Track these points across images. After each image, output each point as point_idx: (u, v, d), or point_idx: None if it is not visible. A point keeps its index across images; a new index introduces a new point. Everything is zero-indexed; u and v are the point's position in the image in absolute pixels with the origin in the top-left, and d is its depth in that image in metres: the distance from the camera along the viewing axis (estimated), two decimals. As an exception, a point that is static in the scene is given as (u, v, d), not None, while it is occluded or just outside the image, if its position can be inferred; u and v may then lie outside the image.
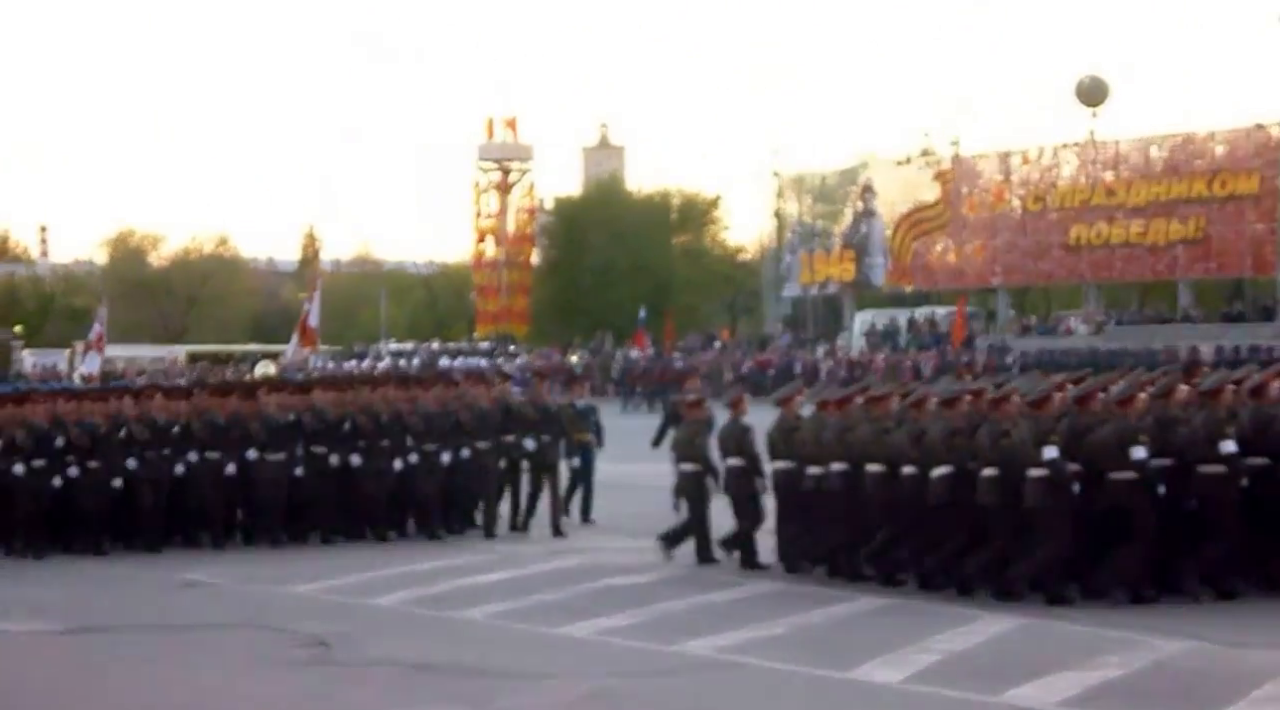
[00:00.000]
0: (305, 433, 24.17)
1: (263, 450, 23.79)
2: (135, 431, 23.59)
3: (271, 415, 24.23)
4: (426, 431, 24.35)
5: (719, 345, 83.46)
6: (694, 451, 21.32)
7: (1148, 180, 71.90)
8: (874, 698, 13.51)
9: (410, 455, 24.25)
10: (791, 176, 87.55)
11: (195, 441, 23.80)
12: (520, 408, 25.38)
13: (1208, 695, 13.17)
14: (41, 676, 15.23)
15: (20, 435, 23.34)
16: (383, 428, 24.32)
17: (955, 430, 18.21)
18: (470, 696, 13.74)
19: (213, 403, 24.59)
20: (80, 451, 23.32)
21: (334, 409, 24.54)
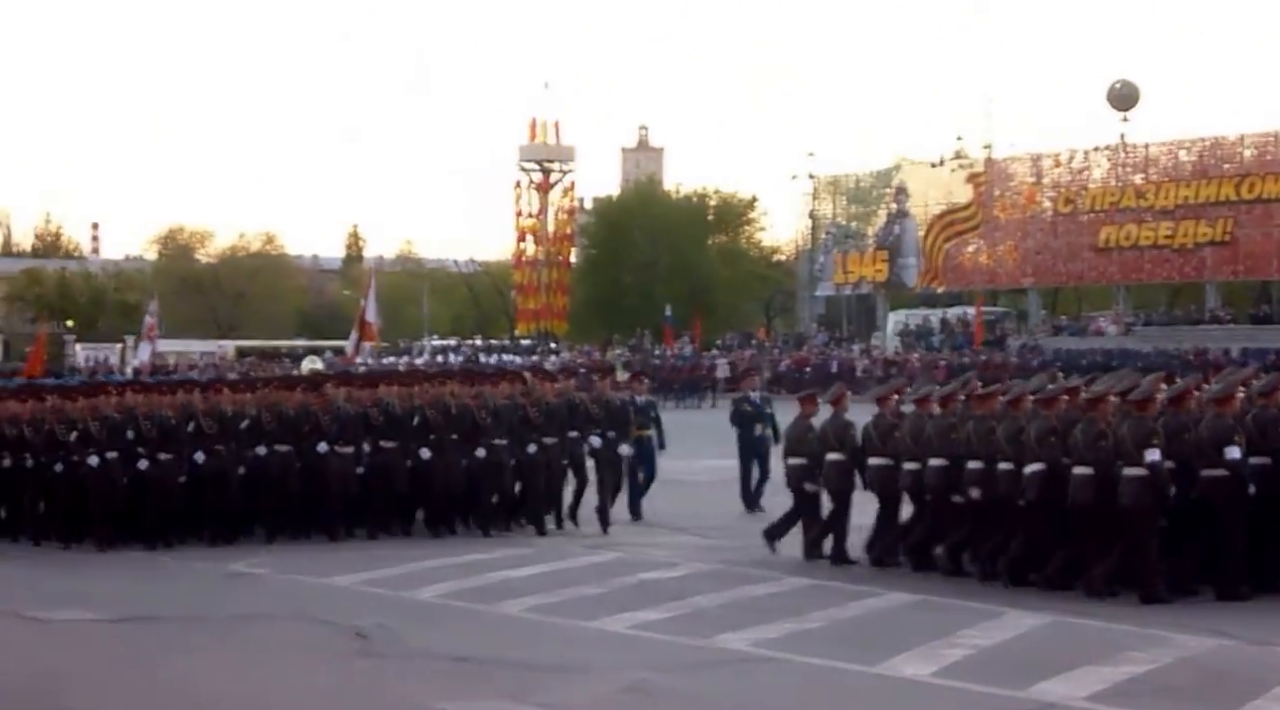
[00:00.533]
0: (374, 426, 23.85)
1: (332, 443, 23.49)
2: (204, 424, 23.37)
3: (341, 408, 23.91)
4: (494, 426, 23.98)
5: (755, 344, 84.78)
6: (805, 447, 21.38)
7: (1177, 183, 72.75)
8: (904, 692, 13.49)
9: (478, 450, 23.92)
10: (826, 178, 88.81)
11: (264, 434, 23.59)
12: (584, 404, 24.90)
13: (1232, 691, 13.19)
14: (91, 666, 15.30)
15: (94, 427, 23.26)
16: (451, 422, 23.97)
17: (1051, 428, 18.21)
18: (508, 689, 13.71)
19: (281, 396, 24.28)
20: (151, 444, 23.14)
21: (402, 403, 24.23)
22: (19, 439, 24.18)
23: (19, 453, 24.12)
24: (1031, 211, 78.04)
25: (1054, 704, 12.82)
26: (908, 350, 74.97)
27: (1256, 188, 70.24)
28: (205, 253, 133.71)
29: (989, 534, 18.79)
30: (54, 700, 13.69)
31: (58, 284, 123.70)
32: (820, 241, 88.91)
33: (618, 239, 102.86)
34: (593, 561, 21.14)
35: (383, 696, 13.64)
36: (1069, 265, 77.05)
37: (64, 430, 23.58)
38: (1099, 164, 76.05)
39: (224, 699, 13.71)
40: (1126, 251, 74.62)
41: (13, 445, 24.23)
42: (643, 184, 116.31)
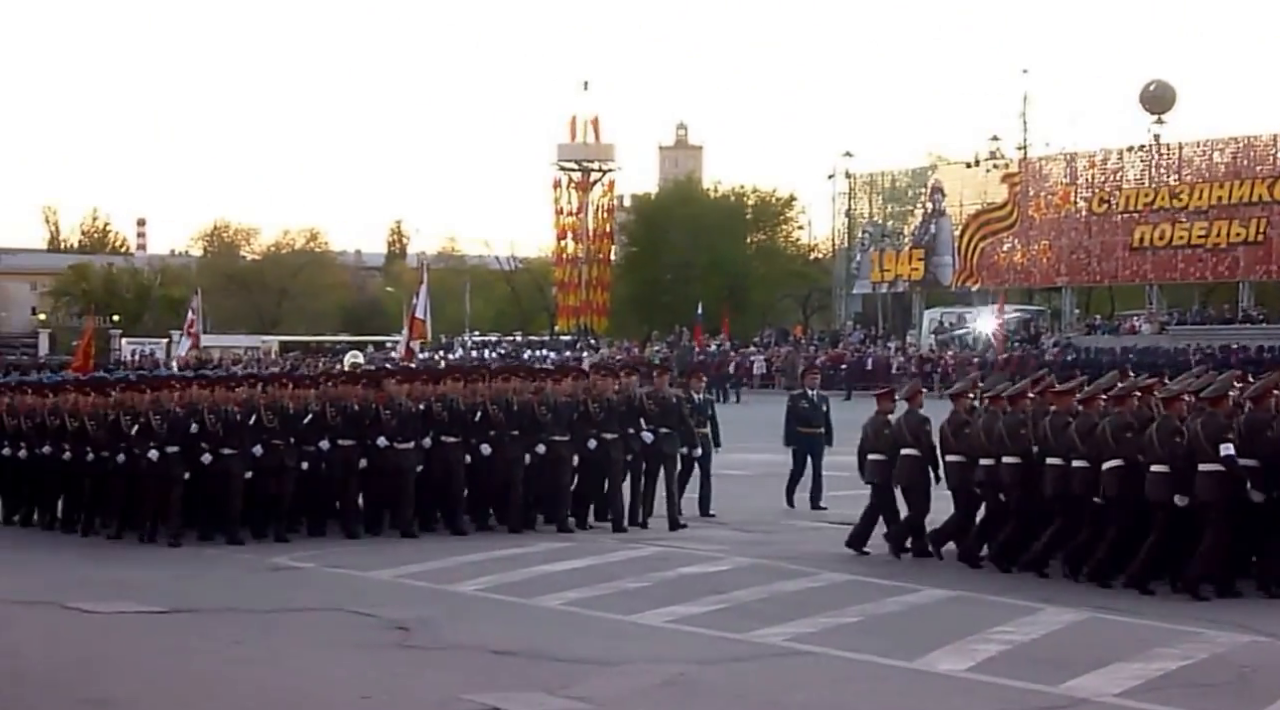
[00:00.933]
0: (436, 422, 23.72)
1: (393, 439, 23.33)
2: (265, 418, 23.20)
3: (403, 403, 23.69)
4: (554, 422, 23.86)
5: (792, 341, 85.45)
6: (883, 442, 21.73)
7: (1210, 183, 72.79)
8: (938, 686, 13.62)
9: (539, 447, 23.84)
10: (863, 177, 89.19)
11: (327, 429, 23.44)
12: (642, 400, 24.72)
13: (1263, 687, 13.36)
14: (133, 656, 15.40)
15: (155, 421, 23.11)
16: (513, 418, 23.86)
17: (1126, 425, 18.46)
18: (548, 681, 13.78)
19: (343, 391, 24.14)
20: (214, 438, 23.01)
21: (464, 398, 24.09)
22: (80, 431, 24.34)
23: (80, 445, 24.28)
24: (1066, 211, 78.25)
25: (1086, 700, 12.97)
26: (942, 348, 75.43)
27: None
28: (250, 249, 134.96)
29: (1072, 533, 19.02)
30: (84, 690, 13.80)
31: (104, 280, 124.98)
32: (857, 240, 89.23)
33: (656, 237, 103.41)
34: (632, 556, 21.31)
35: (422, 688, 13.69)
36: (1103, 264, 77.29)
37: (127, 423, 23.50)
38: (1133, 164, 76.11)
39: (260, 690, 13.81)
40: (1160, 251, 74.76)
41: (74, 438, 24.42)
42: (681, 182, 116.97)
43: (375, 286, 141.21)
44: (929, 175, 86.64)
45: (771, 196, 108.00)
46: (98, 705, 13.33)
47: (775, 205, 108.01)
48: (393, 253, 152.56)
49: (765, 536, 23.34)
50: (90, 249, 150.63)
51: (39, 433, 25.31)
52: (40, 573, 21.12)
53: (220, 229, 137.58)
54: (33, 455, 25.47)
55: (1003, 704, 12.95)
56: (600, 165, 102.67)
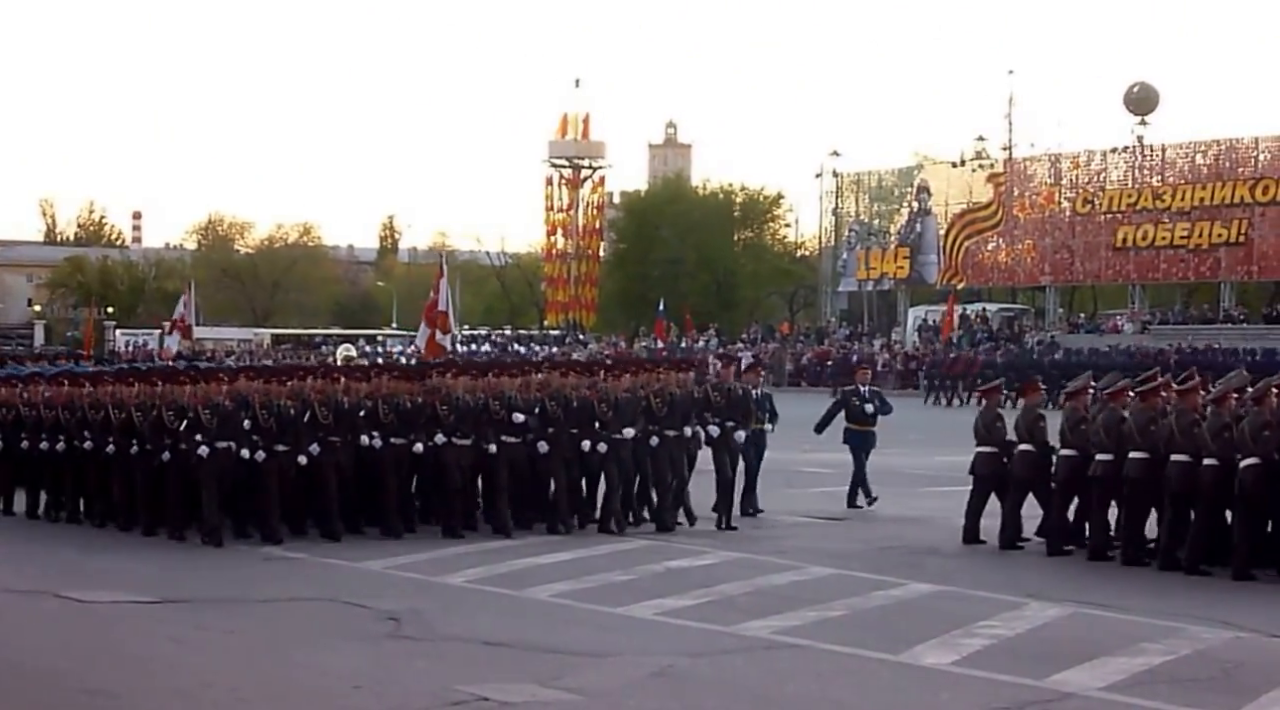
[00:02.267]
0: (493, 418, 22.84)
1: (450, 436, 22.50)
2: (319, 414, 22.37)
3: (460, 398, 22.83)
4: (615, 419, 22.95)
5: (779, 337, 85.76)
6: (995, 435, 22.00)
7: (1193, 185, 73.37)
8: (924, 680, 13.62)
9: (599, 444, 22.96)
10: (850, 176, 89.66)
11: (381, 425, 22.58)
12: (708, 393, 24.00)
13: (1247, 683, 13.40)
14: (126, 646, 15.38)
15: (205, 415, 22.16)
16: (570, 414, 23.02)
17: (1265, 423, 18.73)
18: (537, 673, 13.77)
19: (398, 386, 23.15)
20: (266, 434, 22.16)
21: (522, 395, 23.28)
22: (125, 424, 23.41)
23: (126, 438, 23.36)
24: (1050, 211, 78.80)
25: (1071, 694, 13.00)
26: (927, 345, 75.76)
27: (1271, 190, 70.85)
28: (243, 243, 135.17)
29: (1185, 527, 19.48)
30: (78, 679, 13.79)
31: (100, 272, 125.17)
32: (844, 238, 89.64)
33: (645, 234, 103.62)
34: (620, 549, 21.36)
35: (412, 679, 13.64)
36: (1086, 264, 77.85)
37: (170, 417, 22.53)
38: (1116, 165, 76.67)
39: (254, 680, 13.81)
40: (1143, 251, 75.31)
41: (117, 430, 23.56)
42: (670, 180, 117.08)
43: (367, 281, 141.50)
44: (915, 175, 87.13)
45: (759, 195, 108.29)
46: (92, 695, 13.36)
47: (763, 203, 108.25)
48: (385, 247, 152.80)
49: (752, 531, 23.47)
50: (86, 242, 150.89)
51: (80, 426, 24.41)
52: (34, 563, 21.22)
53: (215, 223, 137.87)
54: (71, 449, 24.52)
55: (988, 698, 12.99)
56: (590, 162, 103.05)
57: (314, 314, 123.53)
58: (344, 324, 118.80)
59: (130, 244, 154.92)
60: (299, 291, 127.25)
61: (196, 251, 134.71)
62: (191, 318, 57.32)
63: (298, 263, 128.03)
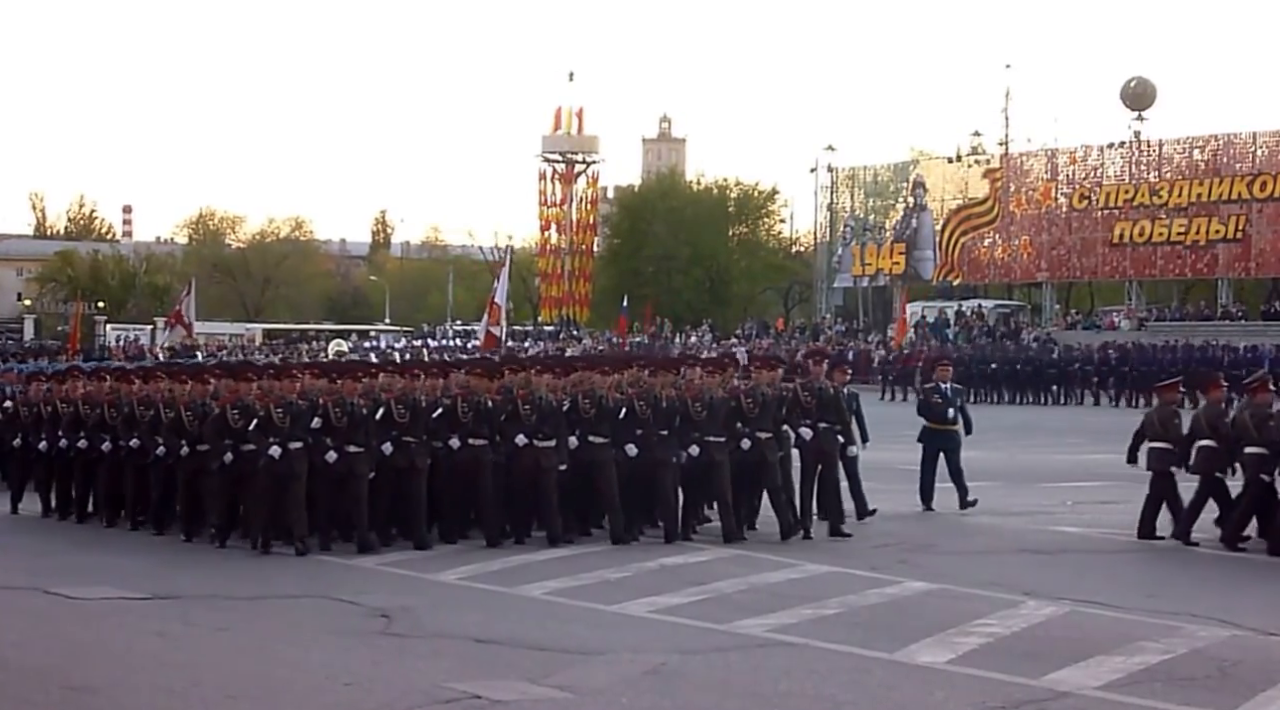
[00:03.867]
0: (581, 418, 21.66)
1: (532, 437, 21.29)
2: (396, 413, 21.17)
3: (544, 397, 21.55)
4: (707, 421, 21.70)
5: (773, 333, 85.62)
6: (1171, 432, 21.81)
7: (1190, 181, 73.36)
8: (919, 678, 13.56)
9: (692, 447, 21.70)
10: (845, 171, 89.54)
11: (458, 424, 21.48)
12: (798, 393, 22.58)
13: (1243, 682, 13.36)
14: (115, 643, 15.30)
15: (278, 414, 20.96)
16: (662, 414, 21.69)
17: None
18: (529, 670, 13.75)
19: (478, 383, 21.96)
20: (339, 433, 20.91)
21: (609, 393, 21.94)
22: (175, 424, 22.44)
23: (177, 438, 22.35)
24: (1047, 207, 78.70)
25: (1067, 693, 12.96)
26: (922, 341, 75.65)
27: (1269, 186, 70.85)
28: (235, 237, 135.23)
29: None
30: (66, 676, 13.72)
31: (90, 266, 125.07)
32: (839, 234, 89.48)
33: (639, 229, 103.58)
34: (613, 546, 21.18)
35: (403, 676, 13.60)
36: (1083, 260, 77.75)
37: (235, 417, 21.30)
38: (1113, 161, 76.63)
39: (243, 677, 13.74)
40: (1140, 247, 75.25)
41: (168, 430, 22.55)
42: (664, 175, 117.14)
43: (359, 275, 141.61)
44: (911, 170, 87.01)
45: (754, 190, 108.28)
46: (79, 692, 13.24)
47: (757, 198, 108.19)
48: (377, 242, 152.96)
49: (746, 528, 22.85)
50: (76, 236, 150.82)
51: (128, 424, 23.54)
52: (21, 558, 21.12)
53: (206, 217, 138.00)
54: (117, 449, 23.69)
55: (983, 696, 12.90)
56: (584, 157, 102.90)
57: (306, 309, 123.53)
58: (336, 319, 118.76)
59: (121, 238, 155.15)
60: (290, 286, 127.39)
61: (187, 246, 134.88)
62: (191, 313, 56.92)
63: (289, 257, 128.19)
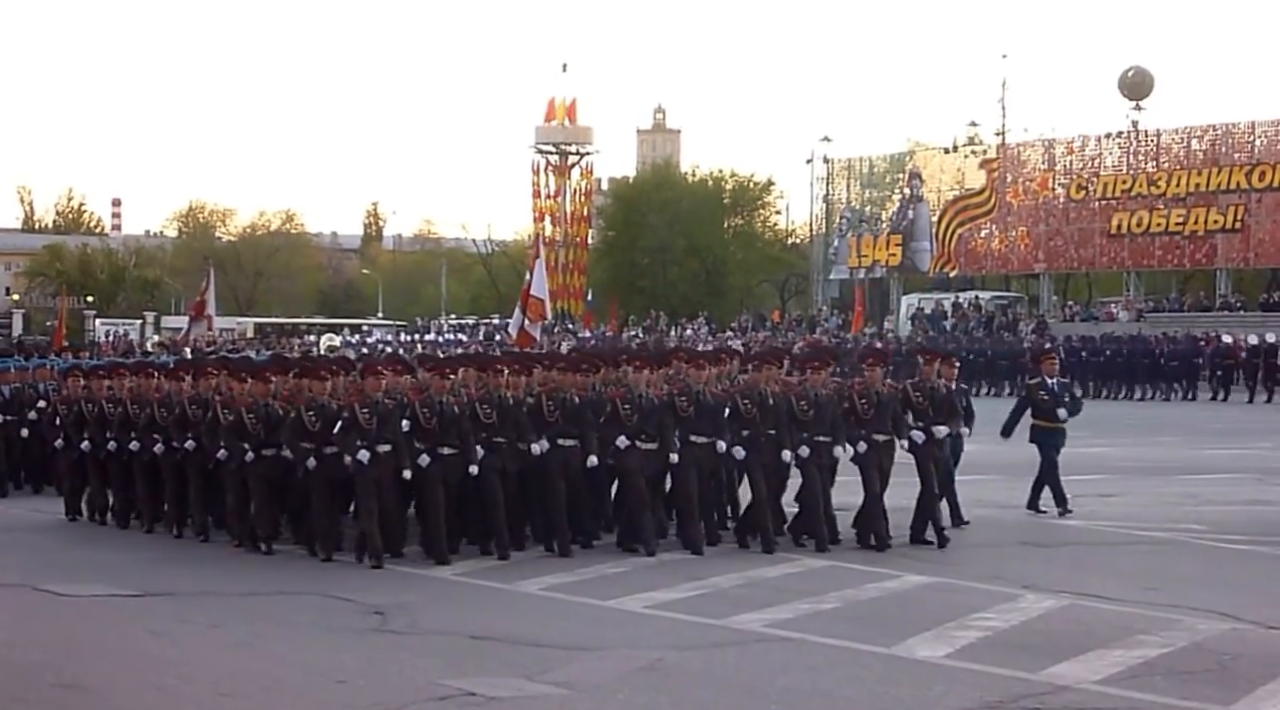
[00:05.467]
0: (681, 417, 20.09)
1: (633, 438, 19.84)
2: (481, 412, 19.75)
3: (644, 395, 20.08)
4: (815, 421, 20.36)
5: (770, 326, 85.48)
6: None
7: (1188, 170, 73.08)
8: (917, 673, 13.53)
9: (800, 448, 20.30)
10: (841, 162, 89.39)
11: (547, 425, 20.00)
12: (908, 391, 21.38)
13: (1243, 675, 13.33)
14: (107, 640, 15.24)
15: (364, 416, 19.38)
16: (767, 414, 20.31)
17: None
18: (526, 666, 13.73)
19: (567, 380, 20.42)
20: (428, 435, 19.50)
21: (709, 389, 20.39)
22: (237, 425, 20.68)
23: (240, 441, 20.64)
24: (1044, 197, 78.44)
25: (1066, 687, 12.95)
26: (920, 333, 75.49)
27: (1268, 176, 70.58)
28: (225, 231, 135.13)
29: None
30: (58, 674, 13.68)
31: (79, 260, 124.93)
32: (835, 225, 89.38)
33: (634, 221, 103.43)
34: (609, 540, 20.80)
35: (398, 673, 13.60)
36: (1081, 251, 77.54)
37: (311, 419, 19.85)
38: (1111, 151, 76.38)
39: (236, 674, 13.71)
40: (1138, 238, 75.02)
41: (227, 432, 20.80)
42: (659, 166, 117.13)
43: (351, 269, 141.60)
44: (907, 161, 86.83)
45: (749, 181, 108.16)
46: (71, 689, 13.19)
47: (753, 190, 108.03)
48: (369, 235, 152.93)
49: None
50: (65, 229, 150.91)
51: (179, 426, 22.03)
52: (12, 555, 20.98)
53: (196, 210, 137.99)
54: (170, 451, 22.22)
55: (982, 691, 12.87)
56: (578, 148, 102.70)
57: (298, 302, 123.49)
58: (328, 313, 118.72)
59: (110, 231, 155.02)
60: (282, 280, 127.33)
61: (177, 239, 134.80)
62: (212, 305, 55.89)
63: (280, 251, 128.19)
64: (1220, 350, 58.78)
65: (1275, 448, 36.01)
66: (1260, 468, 31.11)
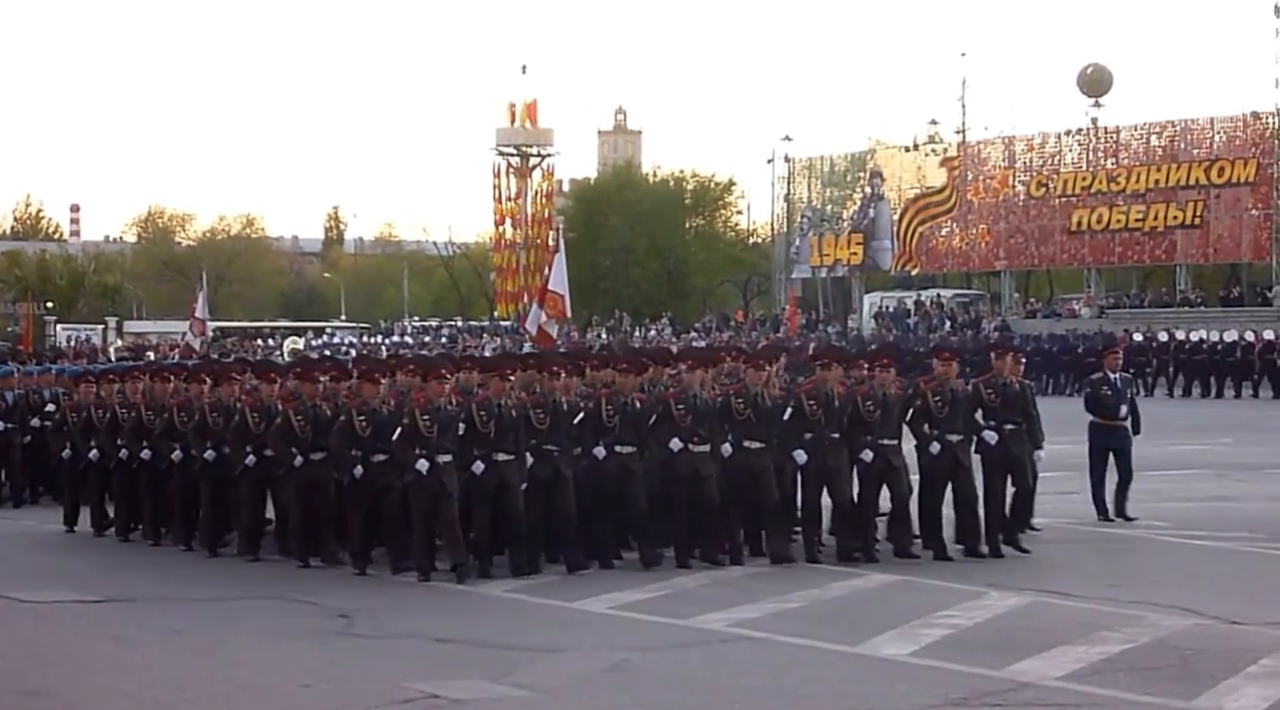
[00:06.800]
0: (735, 420, 19.12)
1: (687, 440, 18.79)
2: (537, 418, 18.61)
3: (699, 396, 19.01)
4: (883, 422, 19.31)
5: (733, 325, 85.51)
6: None
7: (1148, 167, 73.24)
8: (882, 671, 13.55)
9: (864, 453, 19.30)
10: (802, 162, 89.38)
11: (604, 430, 18.90)
12: (979, 389, 20.17)
13: (1205, 670, 13.35)
14: (69, 647, 15.17)
15: (424, 422, 18.18)
16: (833, 416, 19.23)
17: None
18: (490, 669, 13.69)
19: (624, 382, 19.25)
20: (485, 441, 18.33)
21: (768, 390, 19.38)
22: (285, 429, 19.59)
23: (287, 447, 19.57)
24: (1004, 195, 78.59)
25: (1030, 684, 12.98)
26: (884, 332, 75.55)
27: (1226, 172, 70.79)
28: (185, 235, 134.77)
29: None
30: (20, 681, 13.61)
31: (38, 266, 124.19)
32: (796, 224, 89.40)
33: (595, 222, 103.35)
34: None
35: (361, 677, 13.55)
36: (1041, 248, 77.70)
37: (362, 424, 18.85)
38: (1071, 148, 76.55)
39: (200, 680, 13.63)
40: (1098, 234, 75.20)
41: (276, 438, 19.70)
42: (620, 167, 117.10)
43: (313, 272, 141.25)
44: (868, 159, 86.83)
45: (710, 181, 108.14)
46: (33, 696, 13.14)
47: (714, 190, 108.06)
48: (330, 238, 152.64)
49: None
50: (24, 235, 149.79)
51: (199, 434, 20.92)
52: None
53: (155, 215, 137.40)
54: (187, 460, 21.12)
55: (946, 688, 12.88)
56: (539, 150, 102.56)
57: (259, 307, 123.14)
58: (291, 316, 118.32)
59: (69, 237, 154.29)
60: (243, 284, 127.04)
61: (137, 244, 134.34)
62: (204, 311, 54.80)
63: (241, 255, 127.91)
64: (1132, 348, 58.65)
65: (1236, 444, 36.18)
66: (1220, 464, 31.21)
